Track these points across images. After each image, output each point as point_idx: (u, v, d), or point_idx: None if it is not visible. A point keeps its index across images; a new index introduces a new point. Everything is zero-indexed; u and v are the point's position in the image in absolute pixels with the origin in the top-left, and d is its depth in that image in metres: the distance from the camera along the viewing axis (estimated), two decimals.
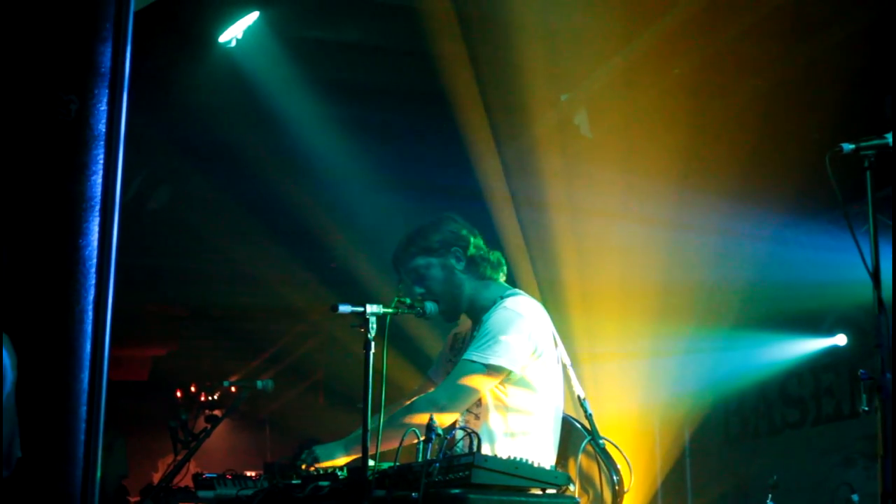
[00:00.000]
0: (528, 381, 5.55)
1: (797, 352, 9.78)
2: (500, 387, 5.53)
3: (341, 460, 5.53)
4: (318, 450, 5.56)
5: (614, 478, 5.37)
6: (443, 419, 5.31)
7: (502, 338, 5.46)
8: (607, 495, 5.36)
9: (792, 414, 10.08)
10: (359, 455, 5.28)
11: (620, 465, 5.43)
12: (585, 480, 5.46)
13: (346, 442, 5.60)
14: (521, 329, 5.50)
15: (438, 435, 4.81)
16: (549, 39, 8.09)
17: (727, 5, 7.60)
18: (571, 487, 5.20)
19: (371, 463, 4.89)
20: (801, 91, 8.20)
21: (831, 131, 7.65)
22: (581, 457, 5.47)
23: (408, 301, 5.55)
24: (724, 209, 9.08)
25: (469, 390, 5.49)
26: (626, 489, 5.38)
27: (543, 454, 5.49)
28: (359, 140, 9.30)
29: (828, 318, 9.57)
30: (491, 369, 5.44)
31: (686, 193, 9.17)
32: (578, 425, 5.63)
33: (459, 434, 5.25)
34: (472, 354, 5.49)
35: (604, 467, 5.40)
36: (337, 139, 9.25)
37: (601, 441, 5.48)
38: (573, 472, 5.43)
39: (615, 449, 5.50)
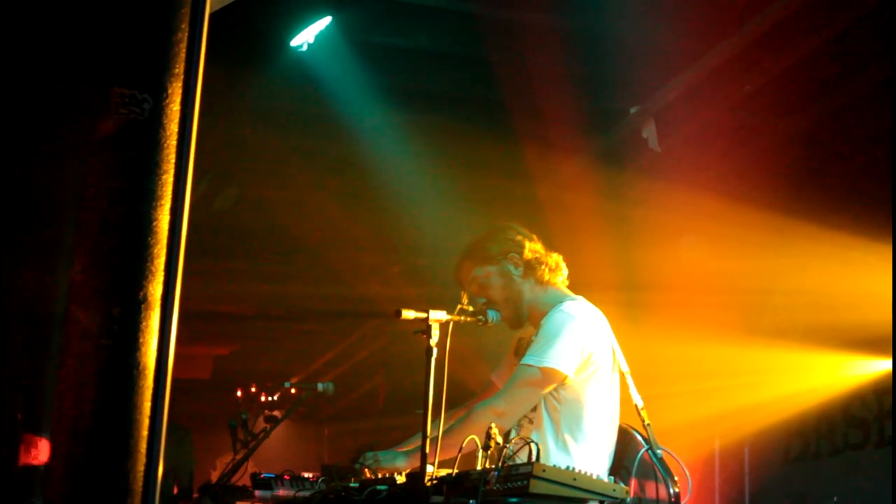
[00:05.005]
0: (583, 388, 5.55)
1: (861, 373, 9.68)
2: (554, 393, 5.54)
3: (402, 467, 5.54)
4: (382, 454, 5.58)
5: (671, 489, 5.34)
6: (502, 424, 5.33)
7: (558, 341, 5.48)
8: None
9: (854, 435, 9.99)
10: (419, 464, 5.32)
11: (678, 476, 5.40)
12: (642, 491, 5.44)
13: (408, 453, 5.61)
14: (575, 333, 5.51)
15: (497, 443, 4.81)
16: (619, 51, 8.07)
17: (800, 23, 7.55)
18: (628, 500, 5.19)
19: (430, 469, 4.90)
20: (873, 110, 8.12)
21: None
22: (638, 466, 5.45)
23: (470, 309, 5.56)
24: (791, 227, 9.01)
25: (527, 394, 5.52)
26: (683, 501, 5.35)
27: (596, 462, 5.48)
28: (426, 146, 9.32)
29: (893, 340, 9.47)
30: (546, 373, 5.46)
31: (753, 210, 9.11)
32: (637, 434, 5.61)
33: (518, 443, 5.24)
34: (529, 359, 5.52)
35: (661, 477, 5.38)
36: (405, 145, 9.27)
37: (659, 451, 5.46)
38: (630, 482, 5.41)
39: (673, 459, 5.47)
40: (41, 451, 3.34)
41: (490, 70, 8.58)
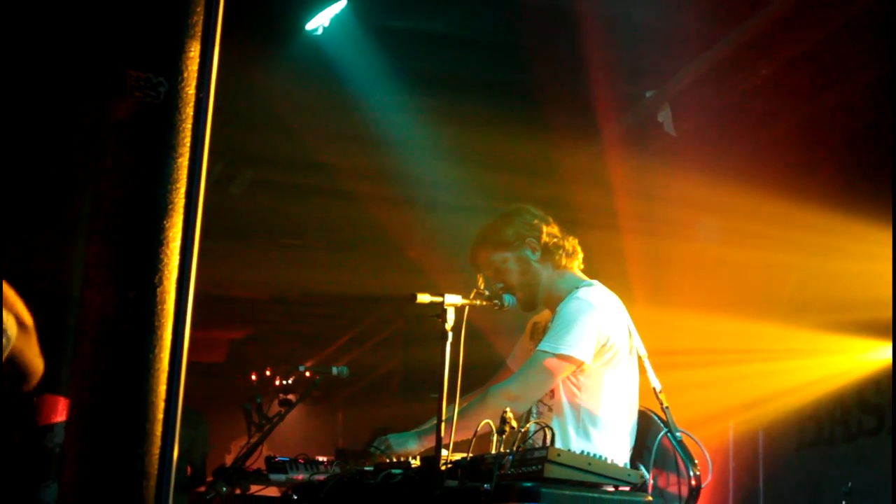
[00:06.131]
0: (601, 374, 5.55)
1: (877, 358, 9.65)
2: (573, 379, 5.54)
3: (414, 450, 5.55)
4: (392, 438, 5.59)
5: (691, 472, 5.34)
6: (516, 408, 5.33)
7: (574, 328, 5.48)
8: (685, 489, 5.34)
9: (869, 421, 9.95)
10: (431, 446, 5.33)
11: (698, 458, 5.41)
12: (662, 473, 5.44)
13: (420, 433, 5.62)
14: (592, 320, 5.51)
15: (512, 428, 4.81)
16: (635, 35, 8.05)
17: (817, 6, 7.51)
18: (650, 481, 5.20)
19: (444, 453, 4.91)
20: (891, 95, 8.09)
21: None
22: (658, 449, 5.45)
23: (486, 293, 5.56)
24: (808, 211, 8.99)
25: (541, 380, 5.51)
26: (703, 483, 5.35)
27: (616, 447, 5.48)
28: (443, 131, 9.31)
29: (894, 330, 9.44)
30: (563, 359, 5.45)
31: (770, 194, 9.09)
32: (656, 418, 5.61)
33: (533, 427, 5.25)
34: (545, 345, 5.52)
35: (681, 460, 5.38)
36: (420, 129, 9.26)
37: (678, 434, 5.46)
38: (650, 465, 5.41)
39: (693, 442, 5.47)
40: (61, 409, 3.35)
41: (506, 54, 8.57)
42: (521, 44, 8.44)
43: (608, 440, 5.49)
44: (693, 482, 5.33)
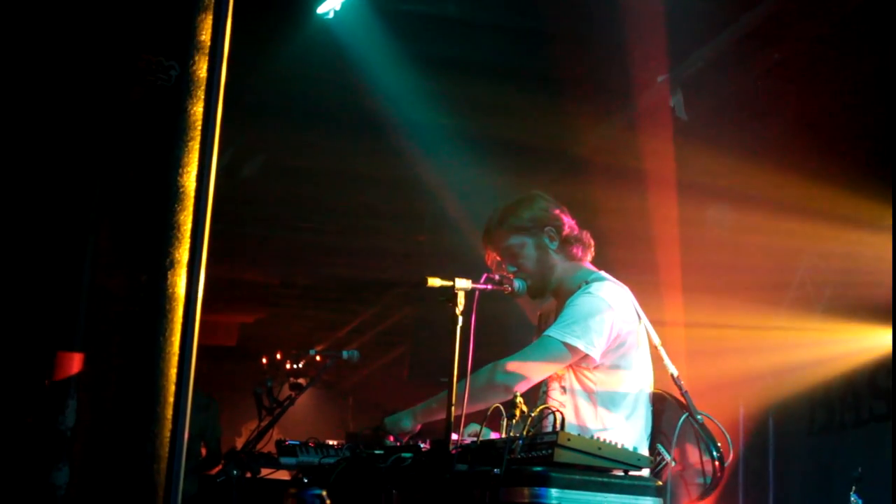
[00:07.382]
0: (614, 371, 5.53)
1: (888, 342, 9.63)
2: (588, 374, 5.52)
3: (408, 428, 5.55)
4: (387, 419, 5.60)
5: (714, 453, 5.34)
6: (507, 382, 5.31)
7: (584, 321, 5.44)
8: (707, 470, 5.33)
9: (879, 406, 9.94)
10: (426, 421, 5.38)
11: (720, 441, 5.40)
12: (684, 456, 5.43)
13: (414, 411, 5.62)
14: (603, 316, 5.47)
15: (523, 412, 4.81)
16: (647, 20, 8.03)
17: None
18: (672, 463, 5.19)
19: (454, 437, 4.91)
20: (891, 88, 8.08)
21: None
22: (678, 434, 5.44)
23: (497, 277, 5.53)
24: (819, 196, 8.97)
25: (539, 362, 5.47)
26: (726, 463, 5.35)
27: (633, 441, 5.47)
28: (454, 115, 9.30)
29: (893, 317, 9.41)
30: (568, 348, 5.42)
31: (781, 179, 9.07)
32: (674, 401, 5.60)
33: (545, 413, 5.23)
34: (552, 331, 5.49)
35: (703, 443, 5.37)
36: (431, 113, 9.25)
37: (699, 416, 5.45)
38: (671, 448, 5.40)
39: (713, 424, 5.46)
40: (76, 364, 3.34)
41: (518, 38, 8.55)
42: (533, 28, 8.43)
43: (624, 435, 5.46)
44: (716, 465, 5.33)
